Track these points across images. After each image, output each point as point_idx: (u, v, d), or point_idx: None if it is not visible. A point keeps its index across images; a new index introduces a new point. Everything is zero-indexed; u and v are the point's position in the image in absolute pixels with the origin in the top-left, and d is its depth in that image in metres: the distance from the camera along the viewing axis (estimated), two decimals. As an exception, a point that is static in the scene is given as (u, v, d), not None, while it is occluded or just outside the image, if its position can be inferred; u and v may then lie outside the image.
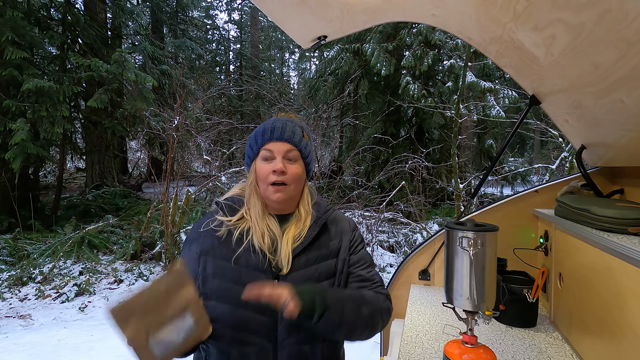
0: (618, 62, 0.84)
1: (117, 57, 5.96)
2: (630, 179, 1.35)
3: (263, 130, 0.97)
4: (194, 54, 12.42)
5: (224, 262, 0.94)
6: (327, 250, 0.99)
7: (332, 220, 1.04)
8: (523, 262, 1.46)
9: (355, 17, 1.23)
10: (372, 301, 0.95)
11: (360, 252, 1.05)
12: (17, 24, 5.34)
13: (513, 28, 1.07)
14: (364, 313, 0.91)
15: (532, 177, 9.57)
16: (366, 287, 1.00)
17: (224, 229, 0.96)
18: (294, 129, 0.97)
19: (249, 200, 0.99)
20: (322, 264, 0.97)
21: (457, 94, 6.06)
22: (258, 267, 0.92)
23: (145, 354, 0.73)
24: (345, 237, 1.03)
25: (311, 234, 0.97)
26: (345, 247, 1.02)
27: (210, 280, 0.93)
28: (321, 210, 1.02)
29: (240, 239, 0.94)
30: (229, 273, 0.93)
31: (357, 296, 0.93)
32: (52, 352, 2.84)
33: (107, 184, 8.15)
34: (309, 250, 0.96)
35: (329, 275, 0.97)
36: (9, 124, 5.16)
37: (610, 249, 0.89)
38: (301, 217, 0.99)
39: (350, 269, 1.01)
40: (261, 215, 0.97)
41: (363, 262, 1.03)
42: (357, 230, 1.08)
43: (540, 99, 1.40)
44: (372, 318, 0.93)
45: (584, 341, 1.05)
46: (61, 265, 4.66)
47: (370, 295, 0.97)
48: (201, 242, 0.97)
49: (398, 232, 5.92)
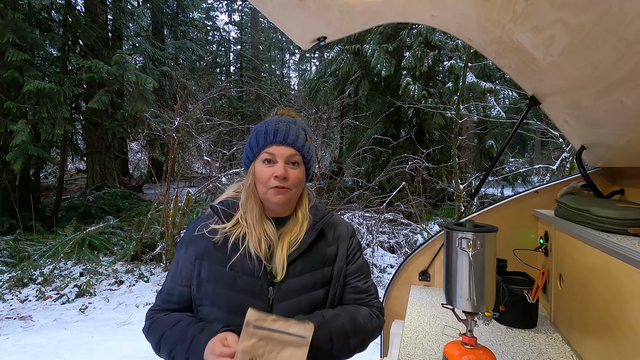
0: (617, 63, 0.84)
1: (117, 59, 5.97)
2: (630, 180, 1.35)
3: (265, 132, 0.93)
4: (195, 55, 12.44)
5: (218, 267, 0.92)
6: (323, 257, 0.97)
7: (329, 225, 1.02)
8: (523, 263, 1.46)
9: (355, 18, 1.23)
10: (364, 326, 0.94)
11: (357, 261, 1.03)
12: (18, 26, 5.35)
13: (512, 29, 1.07)
14: (354, 344, 0.92)
15: (533, 177, 9.55)
16: (361, 300, 1.00)
17: (220, 234, 0.94)
18: (297, 132, 0.94)
19: (245, 203, 0.96)
20: (317, 271, 0.95)
21: (458, 95, 6.06)
22: (253, 274, 0.90)
23: None
24: (343, 244, 1.01)
25: (307, 240, 0.95)
26: (342, 255, 1.00)
27: (204, 285, 0.92)
28: (319, 214, 1.00)
29: (236, 245, 0.92)
30: (223, 278, 0.91)
31: (348, 327, 0.91)
32: (53, 354, 2.84)
33: (107, 185, 8.16)
34: (305, 256, 0.94)
35: (324, 283, 0.96)
36: (9, 126, 5.17)
37: (610, 249, 0.88)
38: (298, 220, 0.97)
39: (347, 280, 1.00)
40: (258, 220, 0.94)
41: (360, 273, 1.02)
42: (355, 236, 1.06)
43: (540, 100, 1.40)
44: (361, 345, 0.95)
45: (584, 342, 1.05)
46: (62, 267, 4.67)
47: (364, 316, 0.96)
48: (196, 246, 0.95)
49: (398, 233, 5.91)
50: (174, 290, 0.96)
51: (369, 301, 1.01)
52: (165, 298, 0.97)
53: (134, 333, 3.18)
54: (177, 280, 0.96)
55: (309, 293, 0.93)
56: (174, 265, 0.99)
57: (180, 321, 0.91)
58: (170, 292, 0.97)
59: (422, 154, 6.52)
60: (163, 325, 0.92)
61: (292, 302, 0.91)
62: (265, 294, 0.91)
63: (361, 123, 8.87)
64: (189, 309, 0.97)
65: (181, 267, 0.96)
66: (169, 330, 0.90)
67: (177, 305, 0.96)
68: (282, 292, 0.91)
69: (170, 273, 0.99)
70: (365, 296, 1.01)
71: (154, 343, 0.92)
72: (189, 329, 0.88)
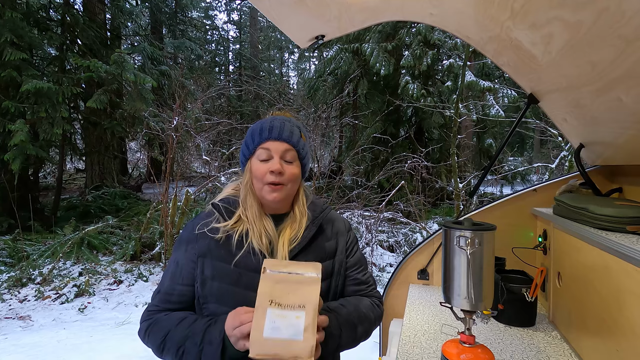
0: (616, 61, 0.84)
1: (116, 58, 5.95)
2: (629, 178, 1.35)
3: (261, 129, 0.95)
4: (193, 55, 12.41)
5: (222, 264, 0.92)
6: (323, 251, 0.99)
7: (327, 220, 1.04)
8: (522, 261, 1.46)
9: (353, 17, 1.23)
10: (367, 315, 0.98)
11: (356, 254, 1.07)
12: (16, 25, 5.33)
13: (511, 26, 1.07)
14: (360, 332, 0.95)
15: (532, 176, 9.56)
16: (362, 291, 1.04)
17: (222, 232, 0.94)
18: (292, 128, 0.96)
19: (244, 200, 0.97)
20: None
21: (457, 94, 6.05)
22: (257, 269, 0.90)
23: (258, 319, 0.76)
24: (342, 239, 1.04)
25: (308, 235, 0.96)
26: (341, 249, 1.03)
27: (209, 282, 0.92)
28: (317, 210, 1.02)
29: (239, 241, 0.93)
30: (228, 275, 0.91)
31: (354, 316, 0.95)
32: (52, 353, 2.84)
33: (106, 185, 8.14)
34: (306, 251, 0.96)
35: (326, 276, 0.97)
36: (8, 125, 5.16)
37: (608, 247, 0.88)
38: (296, 218, 0.98)
39: (347, 272, 1.04)
40: (258, 216, 0.96)
41: (359, 265, 1.06)
42: (351, 230, 1.10)
43: (539, 98, 1.40)
44: (366, 334, 0.98)
45: (583, 340, 1.05)
46: (61, 266, 4.66)
47: (366, 306, 0.99)
48: (198, 244, 0.95)
49: (398, 232, 5.91)
50: (174, 289, 0.95)
51: (369, 292, 1.05)
52: (165, 298, 0.96)
53: (133, 333, 3.17)
54: (177, 279, 0.95)
55: None
56: (172, 265, 0.98)
57: (185, 319, 0.90)
58: (170, 291, 0.96)
59: (421, 152, 6.53)
60: (166, 325, 0.91)
61: None
62: None
63: (360, 122, 8.88)
64: (189, 308, 0.96)
65: (181, 266, 0.96)
66: (174, 329, 0.89)
67: (177, 305, 0.95)
68: None
69: (169, 273, 0.98)
70: (365, 287, 1.05)
71: (156, 344, 0.90)
72: (198, 324, 0.88)
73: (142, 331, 0.95)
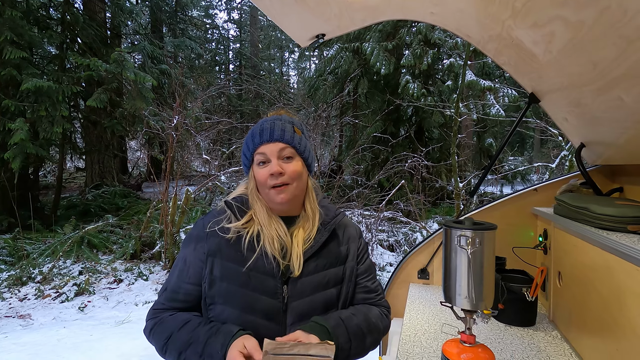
0: (617, 60, 0.83)
1: (116, 57, 5.94)
2: (630, 177, 1.35)
3: (252, 135, 0.95)
4: (194, 54, 12.40)
5: (232, 265, 0.91)
6: (335, 256, 0.99)
7: (340, 226, 1.03)
8: (522, 261, 1.46)
9: (353, 15, 1.22)
10: (377, 325, 0.98)
11: (366, 261, 1.07)
12: (16, 24, 5.33)
13: (512, 25, 1.06)
14: (368, 342, 0.95)
15: (532, 175, 9.56)
16: (371, 299, 1.04)
17: (233, 232, 0.93)
18: (283, 126, 0.94)
19: (253, 206, 0.97)
20: (330, 270, 0.97)
21: (457, 93, 6.05)
22: (268, 272, 0.90)
23: None
24: (353, 245, 1.04)
25: (320, 239, 0.96)
26: (353, 255, 1.02)
27: (217, 283, 0.91)
28: (330, 214, 1.01)
29: (251, 243, 0.92)
30: (237, 276, 0.90)
31: (364, 326, 0.94)
32: (52, 352, 2.84)
33: (106, 184, 8.15)
34: (318, 255, 0.95)
35: (337, 282, 0.97)
36: (8, 124, 5.15)
37: (609, 247, 0.88)
38: (309, 217, 0.98)
39: (358, 279, 1.04)
40: (268, 220, 0.94)
41: (369, 273, 1.06)
42: (362, 237, 1.09)
43: (539, 97, 1.39)
44: (374, 344, 0.98)
45: (583, 340, 1.05)
46: (61, 265, 4.66)
47: (375, 316, 1.00)
48: (208, 243, 0.93)
49: (398, 231, 5.91)
50: (181, 288, 0.94)
51: (377, 300, 1.05)
52: (171, 296, 0.95)
53: (133, 331, 3.17)
54: (184, 277, 0.94)
55: (323, 291, 0.94)
56: (180, 262, 0.96)
57: (189, 322, 0.89)
58: (177, 289, 0.94)
59: (421, 152, 6.52)
60: (169, 326, 0.89)
61: (306, 301, 0.92)
62: (279, 292, 0.91)
63: (360, 121, 8.87)
64: (195, 307, 0.95)
65: (189, 264, 0.94)
66: (177, 332, 0.87)
67: (183, 303, 0.94)
68: (297, 290, 0.91)
69: (176, 270, 0.96)
70: (374, 295, 1.05)
71: (159, 345, 0.90)
72: (201, 330, 0.86)
73: (148, 330, 0.94)
